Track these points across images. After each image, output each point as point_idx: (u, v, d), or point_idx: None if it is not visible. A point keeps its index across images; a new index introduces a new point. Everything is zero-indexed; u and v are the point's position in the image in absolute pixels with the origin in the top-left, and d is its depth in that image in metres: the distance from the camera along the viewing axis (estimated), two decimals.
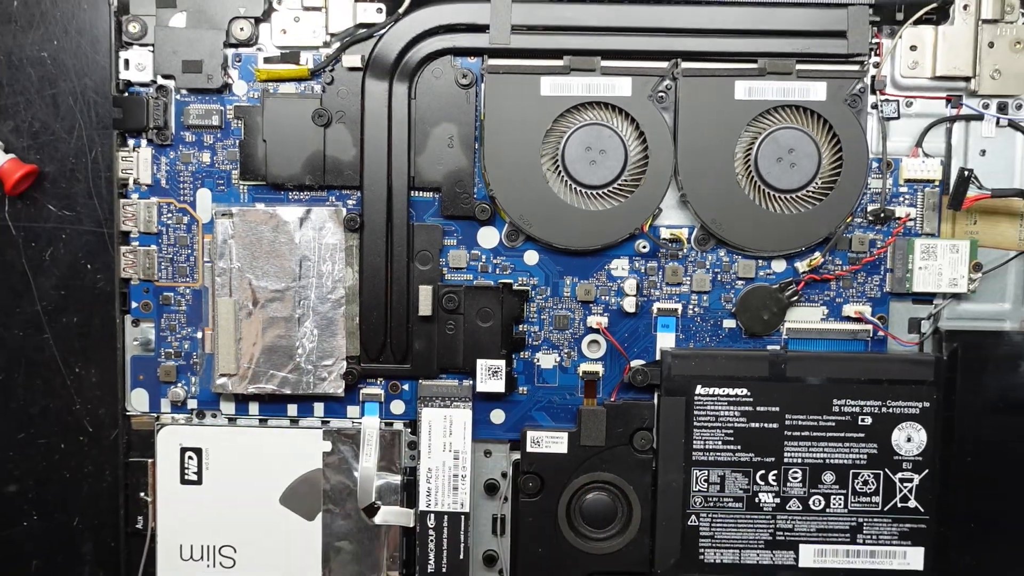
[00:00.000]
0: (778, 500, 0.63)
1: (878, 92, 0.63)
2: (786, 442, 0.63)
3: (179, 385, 0.65)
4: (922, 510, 0.63)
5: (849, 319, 0.64)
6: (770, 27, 0.61)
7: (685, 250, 0.64)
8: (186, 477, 0.65)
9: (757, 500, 0.63)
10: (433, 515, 0.64)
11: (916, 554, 0.63)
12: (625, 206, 0.62)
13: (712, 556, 0.63)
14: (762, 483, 0.63)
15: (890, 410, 0.62)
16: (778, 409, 0.62)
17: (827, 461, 0.63)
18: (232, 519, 0.65)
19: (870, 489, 0.63)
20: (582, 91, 0.62)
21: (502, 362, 0.63)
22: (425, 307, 0.63)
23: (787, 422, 0.62)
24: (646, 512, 0.64)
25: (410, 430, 0.65)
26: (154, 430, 0.65)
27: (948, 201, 0.62)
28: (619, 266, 0.64)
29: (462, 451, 0.64)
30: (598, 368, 0.65)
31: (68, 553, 0.66)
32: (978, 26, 0.62)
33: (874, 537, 0.63)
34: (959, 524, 0.63)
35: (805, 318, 0.64)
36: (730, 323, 0.65)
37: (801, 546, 0.63)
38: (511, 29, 0.61)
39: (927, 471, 0.63)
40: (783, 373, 0.62)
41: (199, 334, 0.65)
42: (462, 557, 0.64)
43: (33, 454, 0.65)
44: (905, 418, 0.62)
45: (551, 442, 0.64)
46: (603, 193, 0.63)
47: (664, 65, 0.62)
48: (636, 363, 0.64)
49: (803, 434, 0.63)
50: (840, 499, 0.63)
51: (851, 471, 0.63)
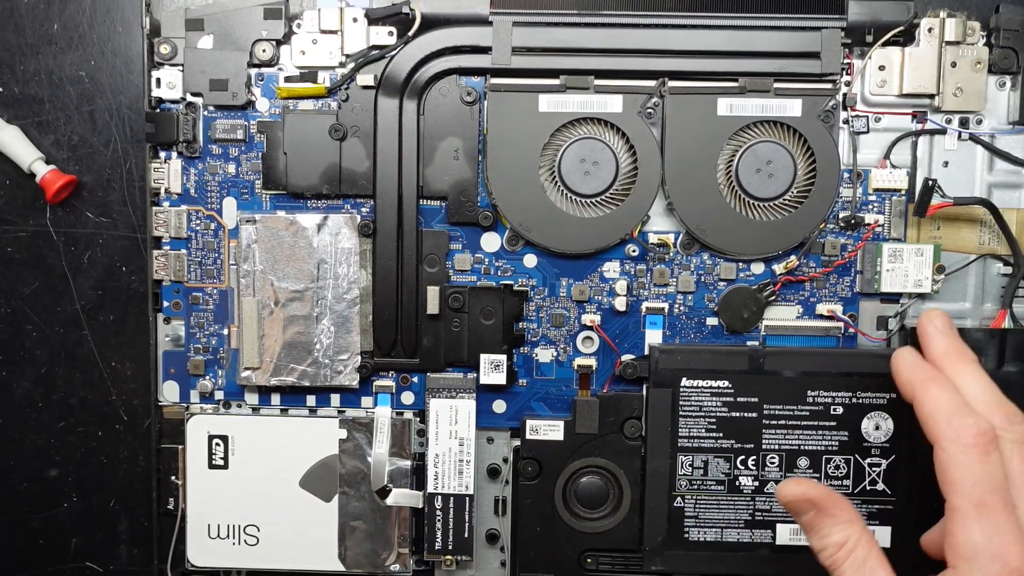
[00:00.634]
0: (757, 483, 0.66)
1: (849, 108, 0.66)
2: (764, 430, 0.66)
3: (207, 378, 0.68)
4: (889, 492, 0.66)
5: (822, 317, 0.67)
6: (750, 49, 0.64)
7: (671, 254, 0.67)
8: (213, 462, 0.68)
9: (738, 483, 0.66)
10: (440, 497, 0.67)
11: (884, 533, 0.66)
12: (616, 213, 0.65)
13: (696, 535, 0.66)
14: (742, 467, 0.66)
15: (860, 401, 0.65)
16: (757, 400, 0.65)
17: (802, 447, 0.66)
18: (256, 501, 0.68)
19: (841, 473, 0.66)
20: (577, 108, 0.65)
21: (503, 357, 0.66)
22: (433, 306, 0.66)
23: (765, 412, 0.65)
24: (636, 494, 0.67)
25: (419, 419, 0.68)
26: (184, 419, 0.68)
27: (914, 209, 0.65)
28: (611, 268, 0.67)
29: (467, 438, 0.67)
30: (592, 362, 0.68)
31: (105, 532, 0.70)
32: (942, 48, 0.65)
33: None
34: (923, 505, 0.65)
35: (782, 316, 0.67)
36: (713, 321, 0.67)
37: (778, 526, 0.66)
38: (512, 51, 0.64)
39: (894, 457, 0.65)
40: (761, 367, 0.65)
41: (225, 331, 0.68)
42: (467, 535, 0.67)
43: (73, 441, 0.69)
44: (874, 408, 0.65)
45: (548, 430, 0.67)
46: (596, 201, 0.66)
47: (652, 84, 0.65)
48: (626, 358, 0.67)
49: (780, 423, 0.65)
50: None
51: (824, 456, 0.66)
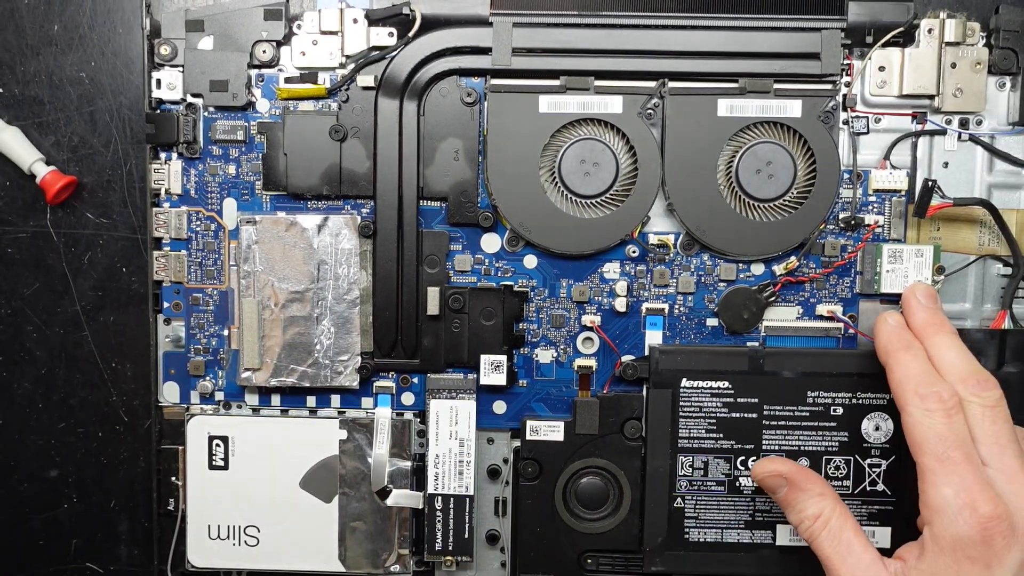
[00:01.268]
0: (757, 484, 0.65)
1: (849, 109, 0.66)
2: (764, 431, 0.66)
3: (207, 378, 0.68)
4: (889, 493, 0.66)
5: (822, 318, 0.67)
6: (750, 49, 0.64)
7: (671, 255, 0.67)
8: (214, 463, 0.68)
9: (738, 484, 0.66)
10: (440, 497, 0.67)
11: (884, 533, 0.66)
12: (616, 214, 0.66)
13: (696, 535, 0.66)
14: (742, 468, 0.66)
15: (860, 401, 0.65)
16: (757, 400, 0.65)
17: (802, 448, 0.66)
18: (256, 501, 0.68)
19: (841, 474, 0.66)
20: (577, 108, 0.65)
21: (504, 357, 0.66)
22: (433, 307, 0.66)
23: (765, 412, 0.65)
24: (636, 495, 0.67)
25: (419, 420, 0.68)
26: (184, 420, 0.68)
27: (913, 209, 0.65)
28: (611, 269, 0.67)
29: (467, 439, 0.67)
30: (592, 363, 0.68)
31: (105, 532, 0.70)
32: (941, 48, 0.65)
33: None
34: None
35: (782, 317, 0.67)
36: (713, 322, 0.67)
37: (778, 526, 0.66)
38: (512, 52, 0.64)
39: (894, 457, 0.66)
40: (761, 367, 0.65)
41: (225, 332, 0.68)
42: (467, 536, 0.68)
43: (73, 442, 0.69)
44: (873, 408, 0.65)
45: (548, 431, 0.67)
46: (596, 202, 0.66)
47: (652, 85, 0.65)
48: (626, 358, 0.67)
49: (780, 423, 0.65)
50: None
51: (824, 457, 0.66)
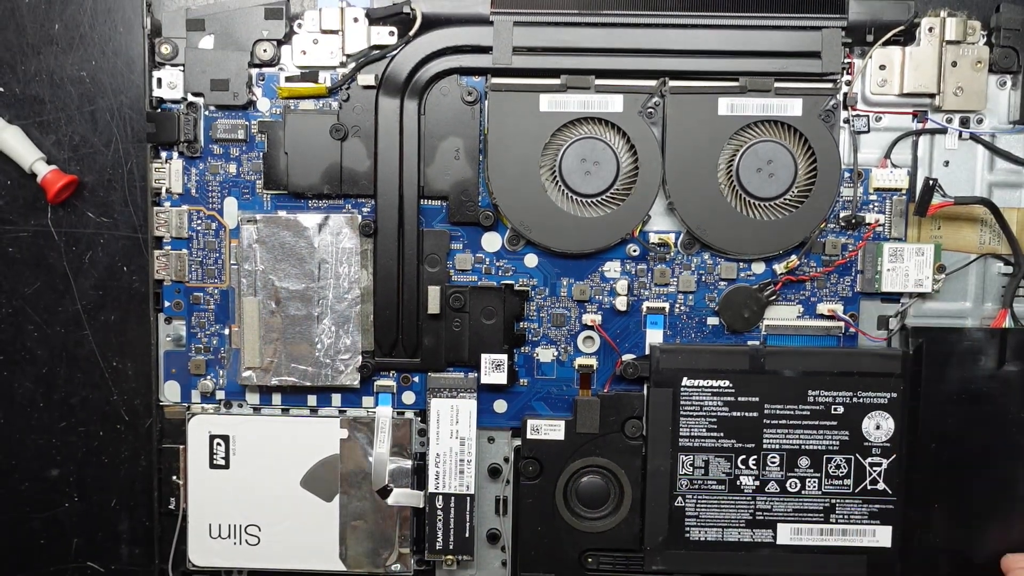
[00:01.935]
0: (758, 483, 0.66)
1: (850, 108, 0.66)
2: (765, 429, 0.66)
3: (208, 377, 0.68)
4: (890, 492, 0.66)
5: (823, 317, 0.67)
6: (750, 48, 0.64)
7: (672, 253, 0.67)
8: (215, 462, 0.68)
9: (738, 483, 0.66)
10: (441, 496, 0.67)
11: (884, 532, 0.66)
12: (617, 213, 0.66)
13: (697, 534, 0.67)
14: (743, 467, 0.66)
15: (860, 400, 0.65)
16: (758, 399, 0.65)
17: (803, 447, 0.66)
18: (257, 500, 0.68)
19: (842, 473, 0.66)
20: (578, 107, 0.65)
21: (504, 356, 0.66)
22: (434, 306, 0.66)
23: (766, 411, 0.65)
24: (636, 494, 0.67)
25: (420, 419, 0.68)
26: (185, 419, 0.68)
27: (914, 208, 0.65)
28: (611, 268, 0.67)
29: (468, 438, 0.67)
30: (592, 362, 0.68)
31: (106, 532, 0.70)
32: (942, 47, 0.65)
33: (846, 517, 0.66)
34: (924, 505, 0.66)
35: (782, 316, 0.67)
36: (713, 320, 0.67)
37: (779, 525, 0.67)
38: (512, 50, 0.64)
39: (894, 456, 0.66)
40: (762, 366, 0.65)
41: (226, 331, 0.68)
42: (467, 535, 0.68)
43: (74, 441, 0.69)
44: (874, 407, 0.65)
45: (549, 430, 0.67)
46: (597, 201, 0.66)
47: (653, 83, 0.65)
48: (627, 357, 0.67)
49: (780, 422, 0.66)
50: (815, 482, 0.66)
51: (825, 456, 0.66)
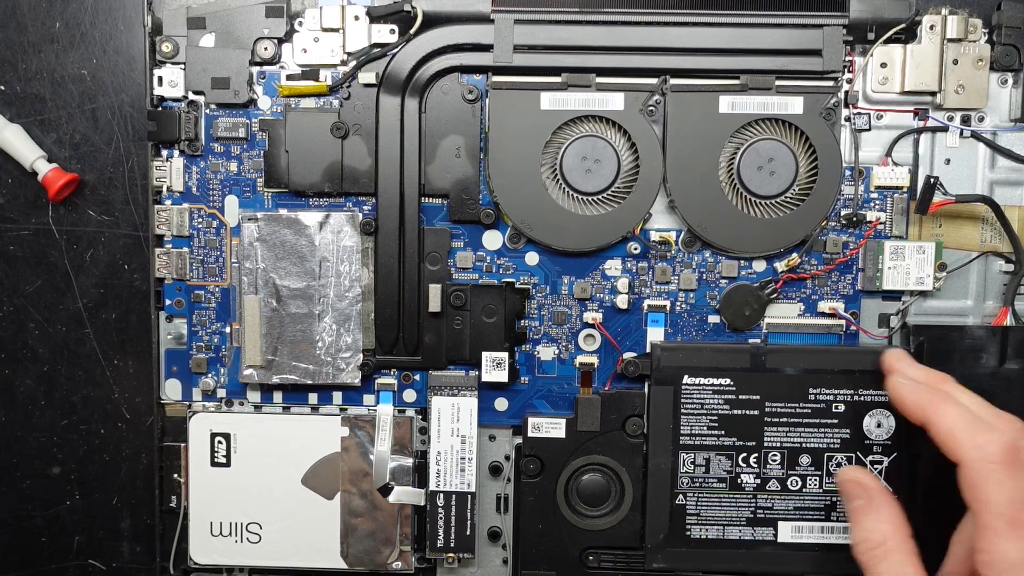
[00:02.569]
0: (759, 481, 0.66)
1: (851, 106, 0.66)
2: (766, 428, 0.66)
3: (209, 376, 0.69)
4: (891, 490, 0.64)
5: (824, 315, 0.67)
6: (751, 46, 0.64)
7: (673, 251, 0.67)
8: (216, 460, 0.68)
9: (739, 481, 0.66)
10: (442, 494, 0.67)
11: None
12: (618, 211, 0.66)
13: (698, 532, 0.67)
14: (744, 465, 0.66)
15: (861, 398, 0.65)
16: (758, 397, 0.65)
17: (804, 445, 0.66)
18: (258, 498, 0.68)
19: None
20: (579, 105, 0.65)
21: (505, 354, 0.67)
22: (435, 304, 0.66)
23: (767, 409, 0.66)
24: (637, 492, 0.67)
25: (421, 417, 0.68)
26: (186, 417, 0.68)
27: (915, 206, 0.65)
28: (612, 266, 0.67)
29: (469, 436, 0.67)
30: (593, 360, 0.68)
31: (108, 529, 0.70)
32: (943, 45, 0.65)
33: (847, 514, 0.65)
34: (924, 502, 0.66)
35: (783, 314, 0.67)
36: (714, 318, 0.68)
37: (780, 523, 0.67)
38: (513, 49, 0.64)
39: (895, 454, 0.66)
40: (763, 364, 0.65)
41: (227, 329, 0.68)
42: (468, 533, 0.68)
43: (75, 439, 0.69)
44: (875, 405, 0.65)
45: (550, 428, 0.67)
46: (598, 199, 0.66)
47: (654, 81, 0.65)
48: (628, 355, 0.67)
49: (781, 420, 0.66)
50: (816, 480, 0.66)
51: (826, 454, 0.66)
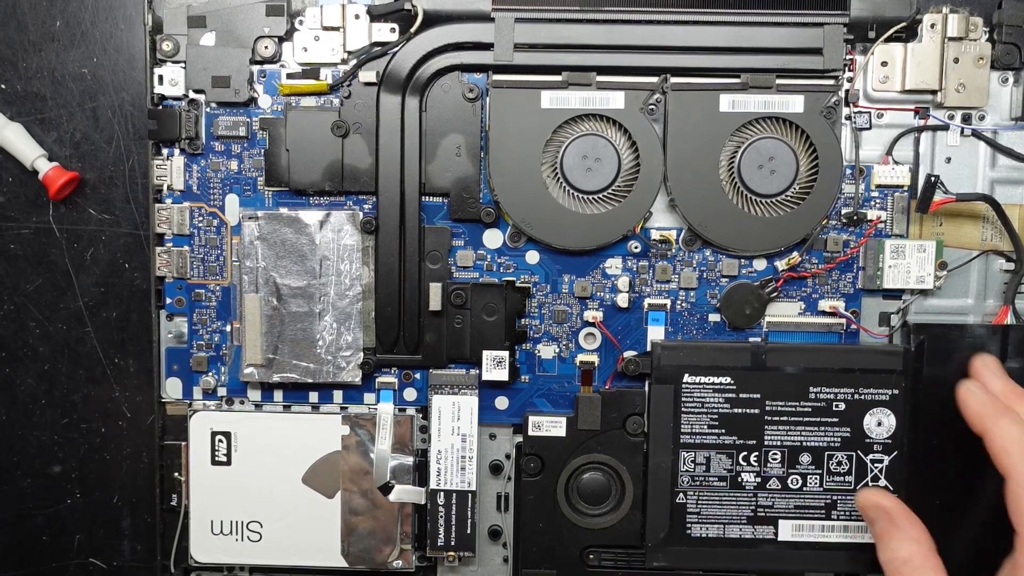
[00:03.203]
0: (759, 479, 0.66)
1: (851, 104, 0.66)
2: (766, 426, 0.66)
3: (210, 374, 0.69)
4: (891, 488, 0.66)
5: (824, 313, 0.67)
6: (752, 45, 0.64)
7: (674, 250, 0.67)
8: (216, 459, 0.68)
9: (740, 479, 0.66)
10: (443, 493, 0.67)
11: None
12: (618, 210, 0.66)
13: (698, 531, 0.67)
14: (744, 464, 0.66)
15: (862, 397, 0.65)
16: (759, 396, 0.65)
17: (804, 444, 0.66)
18: (259, 497, 0.68)
19: (843, 469, 0.66)
20: (579, 104, 0.65)
21: (506, 353, 0.66)
22: (435, 303, 0.66)
23: (767, 408, 0.66)
24: (638, 491, 0.67)
25: (421, 415, 0.68)
26: (187, 416, 0.68)
27: (916, 205, 0.65)
28: (613, 265, 0.67)
29: (469, 434, 0.67)
30: (594, 358, 0.68)
31: (108, 528, 0.70)
32: (944, 44, 0.65)
33: (847, 513, 0.66)
34: (925, 501, 0.65)
35: (784, 313, 0.67)
36: (715, 317, 0.68)
37: (780, 521, 0.67)
38: (514, 47, 0.64)
39: (896, 453, 0.66)
40: (764, 363, 0.65)
41: (228, 328, 0.68)
42: (469, 531, 0.68)
43: (76, 438, 0.69)
44: (876, 404, 0.65)
45: (551, 426, 0.67)
46: (598, 198, 0.66)
47: (654, 80, 0.65)
48: (629, 354, 0.67)
49: (782, 419, 0.66)
50: (816, 478, 0.66)
51: (826, 453, 0.66)
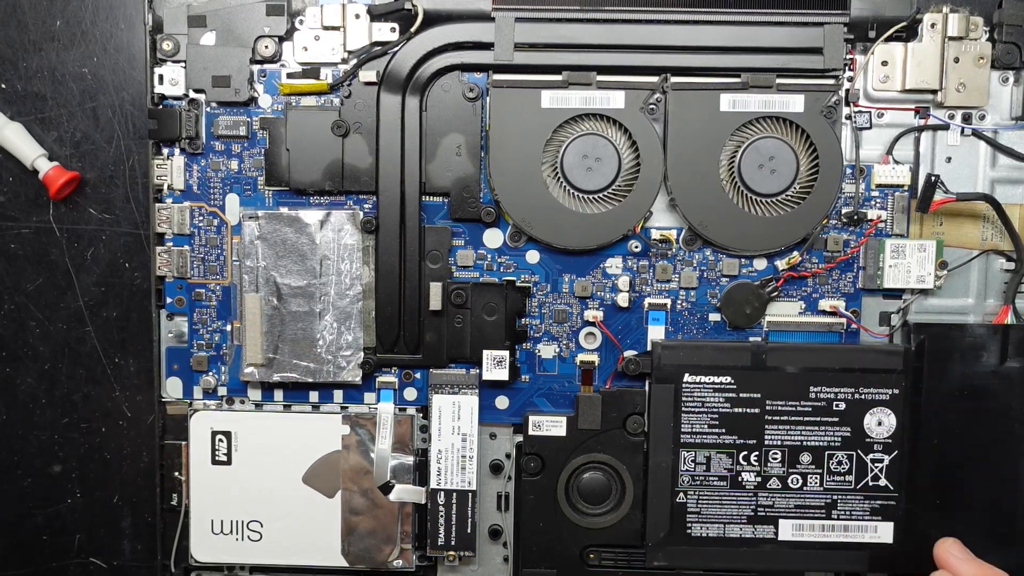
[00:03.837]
0: (759, 479, 0.66)
1: (852, 104, 0.66)
2: (767, 426, 0.66)
3: (210, 374, 0.69)
4: (892, 488, 0.66)
5: (825, 313, 0.67)
6: (752, 44, 0.64)
7: (674, 250, 0.67)
8: (217, 458, 0.68)
9: (740, 479, 0.66)
10: (443, 492, 0.67)
11: (886, 528, 0.66)
12: (619, 209, 0.66)
13: (698, 530, 0.67)
14: (744, 463, 0.66)
15: (862, 396, 0.65)
16: (759, 395, 0.65)
17: (804, 443, 0.66)
18: (259, 497, 0.68)
19: (844, 469, 0.66)
20: (579, 104, 0.65)
21: (506, 353, 0.67)
22: (435, 302, 0.66)
23: (767, 407, 0.66)
24: (638, 490, 0.67)
25: (422, 415, 0.68)
26: (187, 415, 0.68)
27: (916, 204, 0.65)
28: (613, 264, 0.67)
29: (469, 434, 0.67)
30: (594, 358, 0.68)
31: (109, 528, 0.70)
32: (944, 43, 0.65)
33: (847, 513, 0.66)
34: (925, 501, 0.66)
35: (784, 312, 0.67)
36: (715, 317, 0.68)
37: (781, 521, 0.67)
38: (514, 47, 0.64)
39: (896, 452, 0.66)
40: (764, 363, 0.65)
41: (228, 327, 0.68)
42: (469, 531, 0.68)
43: (76, 437, 0.69)
44: (876, 403, 0.65)
45: (551, 426, 0.67)
46: (598, 197, 0.66)
47: (655, 80, 0.65)
48: (629, 353, 0.67)
49: (782, 418, 0.66)
50: (816, 478, 0.66)
51: (826, 452, 0.66)
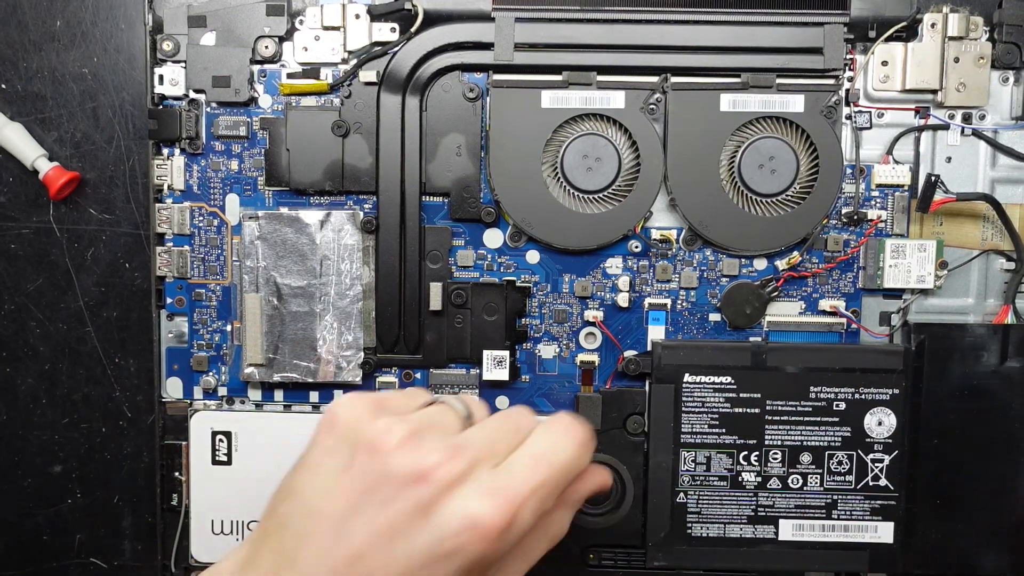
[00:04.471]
0: (760, 479, 0.66)
1: (852, 104, 0.66)
2: (767, 426, 0.66)
3: (210, 374, 0.69)
4: (892, 488, 0.66)
5: (825, 313, 0.67)
6: (752, 44, 0.64)
7: (674, 250, 0.67)
8: (217, 458, 0.68)
9: (740, 479, 0.66)
10: None
11: (887, 528, 0.66)
12: (619, 209, 0.66)
13: (699, 530, 0.67)
14: (745, 463, 0.66)
15: (862, 396, 0.65)
16: (759, 395, 0.66)
17: (804, 443, 0.66)
18: (259, 497, 0.65)
19: (844, 469, 0.66)
20: (579, 104, 0.65)
21: (506, 353, 0.67)
22: (435, 302, 0.66)
23: (768, 407, 0.66)
24: (638, 490, 0.67)
25: None
26: (187, 415, 0.68)
27: (916, 204, 0.65)
28: (613, 264, 0.67)
29: None
30: (594, 358, 0.68)
31: (109, 528, 0.70)
32: (944, 43, 0.65)
33: (848, 513, 0.66)
34: (926, 500, 0.66)
35: (784, 312, 0.67)
36: (715, 317, 0.68)
37: (781, 521, 0.67)
38: (514, 47, 0.65)
39: (896, 452, 0.66)
40: (764, 362, 0.65)
41: (228, 327, 0.68)
42: None
43: (76, 437, 0.69)
44: (876, 403, 0.65)
45: None
46: (599, 197, 0.66)
47: (655, 80, 0.65)
48: (629, 353, 0.67)
49: (782, 418, 0.66)
50: (816, 478, 0.66)
51: (827, 452, 0.66)
